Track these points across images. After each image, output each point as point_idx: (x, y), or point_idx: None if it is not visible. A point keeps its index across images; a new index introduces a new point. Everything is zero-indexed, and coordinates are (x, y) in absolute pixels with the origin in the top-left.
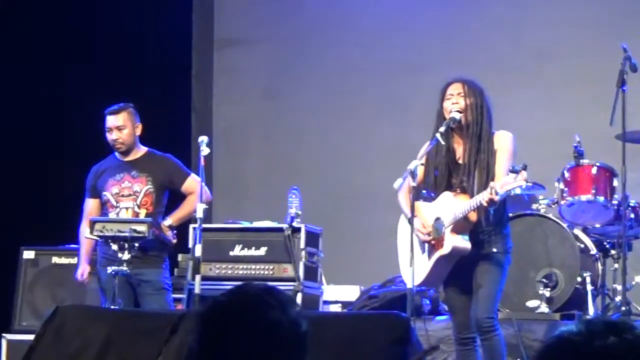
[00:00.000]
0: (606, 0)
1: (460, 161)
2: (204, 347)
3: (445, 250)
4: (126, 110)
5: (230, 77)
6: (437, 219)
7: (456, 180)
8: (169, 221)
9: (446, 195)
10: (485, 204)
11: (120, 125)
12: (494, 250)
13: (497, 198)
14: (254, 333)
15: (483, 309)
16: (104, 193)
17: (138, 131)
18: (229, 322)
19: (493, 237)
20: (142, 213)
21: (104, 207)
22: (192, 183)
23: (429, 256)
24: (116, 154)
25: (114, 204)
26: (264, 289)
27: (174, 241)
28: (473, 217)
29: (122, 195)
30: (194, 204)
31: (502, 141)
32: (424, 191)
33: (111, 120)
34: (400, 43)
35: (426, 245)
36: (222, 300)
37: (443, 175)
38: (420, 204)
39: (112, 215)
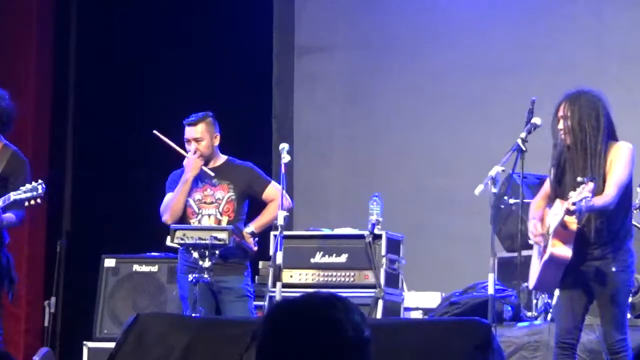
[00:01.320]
0: None
1: (572, 173)
2: (269, 343)
3: (546, 256)
4: (204, 121)
5: (311, 84)
6: (549, 226)
7: (568, 191)
8: (250, 228)
9: (557, 203)
10: (564, 214)
11: (198, 137)
12: (614, 269)
13: (572, 208)
14: (317, 331)
15: (615, 333)
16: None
17: (217, 141)
18: (293, 320)
19: (612, 254)
20: (224, 220)
21: (184, 213)
22: (273, 190)
23: (540, 261)
24: None
25: (196, 210)
26: (330, 294)
27: (255, 249)
28: (572, 225)
29: (205, 203)
30: (275, 211)
31: (619, 152)
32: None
33: (189, 132)
34: (480, 47)
35: (541, 251)
36: (289, 301)
37: (560, 186)
38: (548, 210)
39: (193, 222)
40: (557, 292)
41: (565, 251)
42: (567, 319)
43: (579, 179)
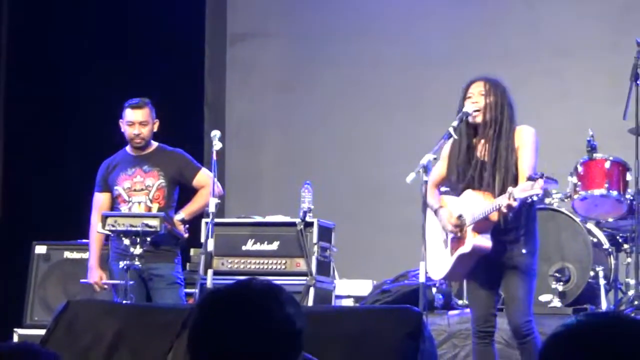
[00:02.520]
0: None
1: (481, 159)
2: (200, 330)
3: (466, 248)
4: (148, 106)
5: (244, 72)
6: (460, 216)
7: (477, 178)
8: (181, 215)
9: (468, 193)
10: (504, 210)
11: (143, 121)
12: (523, 251)
13: (515, 204)
14: (247, 320)
15: (521, 314)
16: (115, 187)
17: (155, 127)
18: (224, 307)
19: (522, 237)
20: (154, 207)
21: (115, 201)
22: (204, 177)
23: (451, 252)
24: (127, 148)
25: (126, 198)
26: (265, 283)
27: (186, 235)
28: (494, 217)
29: (135, 190)
30: (206, 198)
31: (524, 136)
32: (442, 187)
33: (135, 115)
34: (415, 37)
35: (449, 241)
36: (222, 288)
37: (465, 173)
38: (445, 197)
39: (124, 209)
40: None
41: (485, 242)
42: (483, 308)
43: (528, 175)
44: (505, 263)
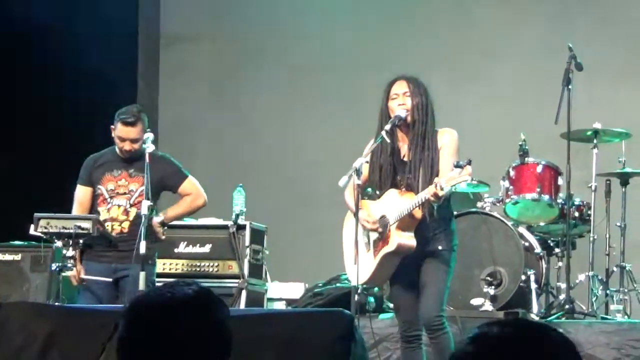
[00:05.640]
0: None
1: (405, 159)
2: (125, 339)
3: (390, 247)
4: (142, 119)
5: (176, 74)
6: (382, 216)
7: (401, 178)
8: (160, 218)
9: (391, 193)
10: (431, 198)
11: (136, 138)
12: (440, 247)
13: (442, 193)
14: (170, 329)
15: (432, 308)
16: (98, 186)
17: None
18: (147, 316)
19: (439, 235)
20: (133, 212)
21: (95, 199)
22: (189, 185)
23: (374, 254)
24: (116, 148)
25: (107, 199)
26: (193, 288)
27: (163, 238)
28: (418, 214)
29: (117, 193)
30: (189, 206)
31: (446, 138)
32: (368, 189)
33: (127, 132)
34: (347, 40)
35: (371, 243)
36: (146, 296)
37: (388, 174)
38: (366, 202)
39: (102, 209)
40: None
41: (409, 240)
42: (408, 312)
43: (454, 162)
44: (423, 260)
